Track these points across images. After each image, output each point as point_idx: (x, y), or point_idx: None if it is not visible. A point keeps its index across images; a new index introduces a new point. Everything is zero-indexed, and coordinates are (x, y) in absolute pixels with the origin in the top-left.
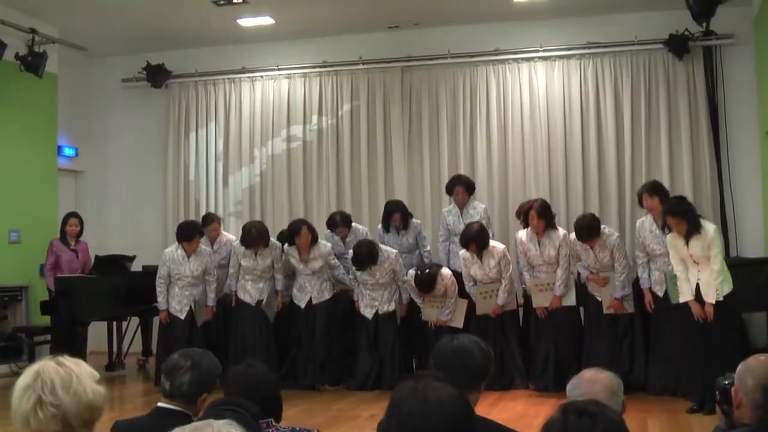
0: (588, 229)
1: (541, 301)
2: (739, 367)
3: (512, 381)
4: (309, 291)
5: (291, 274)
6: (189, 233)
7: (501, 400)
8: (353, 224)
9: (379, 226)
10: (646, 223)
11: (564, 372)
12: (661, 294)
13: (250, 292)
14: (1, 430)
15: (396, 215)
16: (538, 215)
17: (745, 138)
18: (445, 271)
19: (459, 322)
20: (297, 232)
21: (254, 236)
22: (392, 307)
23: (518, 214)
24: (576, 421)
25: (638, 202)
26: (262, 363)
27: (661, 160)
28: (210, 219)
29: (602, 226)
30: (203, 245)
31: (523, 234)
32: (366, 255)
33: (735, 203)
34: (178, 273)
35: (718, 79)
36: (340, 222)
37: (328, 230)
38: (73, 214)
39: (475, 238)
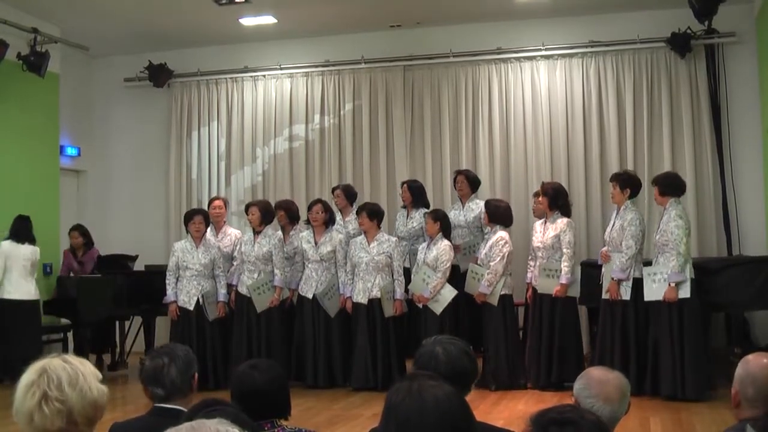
0: (620, 173)
1: (546, 287)
2: (740, 368)
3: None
4: (315, 280)
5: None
6: (189, 213)
7: (502, 399)
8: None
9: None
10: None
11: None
12: None
13: (246, 283)
14: (1, 430)
15: (404, 186)
16: (543, 193)
17: (747, 136)
18: (446, 242)
19: (438, 308)
20: (310, 207)
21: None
22: (381, 295)
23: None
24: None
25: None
26: (267, 361)
27: (663, 159)
28: (213, 199)
29: (634, 207)
30: (210, 237)
31: (538, 222)
32: (370, 203)
33: (737, 201)
34: (186, 262)
35: (720, 77)
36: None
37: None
38: (74, 227)
39: (490, 206)
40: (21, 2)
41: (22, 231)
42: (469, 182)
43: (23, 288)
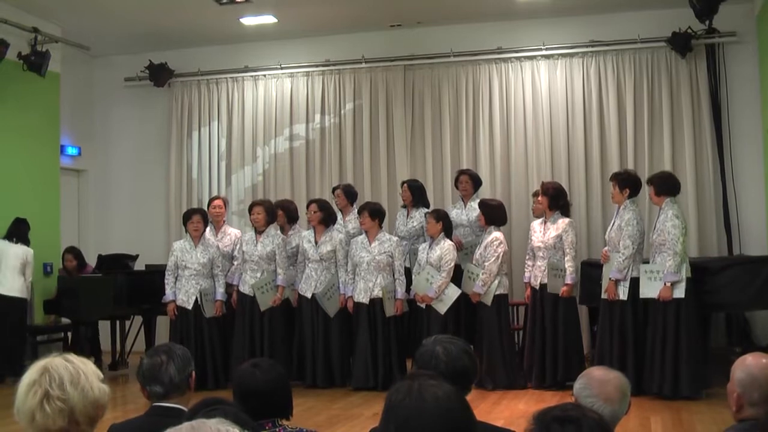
0: (620, 173)
1: (555, 287)
2: (739, 372)
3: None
4: (315, 279)
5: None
6: (188, 213)
7: (503, 399)
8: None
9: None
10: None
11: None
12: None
13: (249, 282)
14: (2, 430)
15: (404, 186)
16: (543, 192)
17: (747, 136)
18: (449, 242)
19: (443, 308)
20: (307, 207)
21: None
22: (383, 295)
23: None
24: (561, 430)
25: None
26: (269, 360)
27: (664, 159)
28: (213, 198)
29: (634, 206)
30: (209, 236)
31: (536, 222)
32: (372, 203)
33: (738, 201)
34: (185, 261)
35: (720, 77)
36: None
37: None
38: (67, 250)
39: (485, 207)
40: (22, 2)
41: (15, 232)
42: (472, 182)
43: (10, 284)
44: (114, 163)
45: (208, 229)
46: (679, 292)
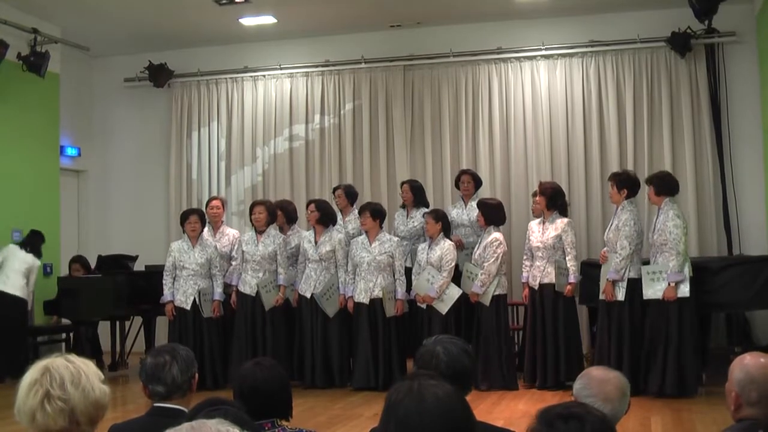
0: (618, 173)
1: (563, 285)
2: (737, 371)
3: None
4: (314, 279)
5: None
6: (185, 213)
7: (503, 399)
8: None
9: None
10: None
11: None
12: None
13: (250, 283)
14: (2, 430)
15: (405, 186)
16: (540, 192)
17: (747, 136)
18: (449, 242)
19: (444, 308)
20: (306, 207)
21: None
22: (383, 295)
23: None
24: (564, 426)
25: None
26: (270, 360)
27: (664, 159)
28: (211, 199)
29: (632, 206)
30: (207, 236)
31: (534, 222)
32: (373, 203)
33: (737, 201)
34: (183, 262)
35: (720, 76)
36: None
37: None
38: (74, 259)
39: (484, 207)
40: (21, 2)
41: (29, 242)
42: (474, 182)
43: (13, 283)
44: (114, 163)
45: (206, 229)
46: (683, 292)
